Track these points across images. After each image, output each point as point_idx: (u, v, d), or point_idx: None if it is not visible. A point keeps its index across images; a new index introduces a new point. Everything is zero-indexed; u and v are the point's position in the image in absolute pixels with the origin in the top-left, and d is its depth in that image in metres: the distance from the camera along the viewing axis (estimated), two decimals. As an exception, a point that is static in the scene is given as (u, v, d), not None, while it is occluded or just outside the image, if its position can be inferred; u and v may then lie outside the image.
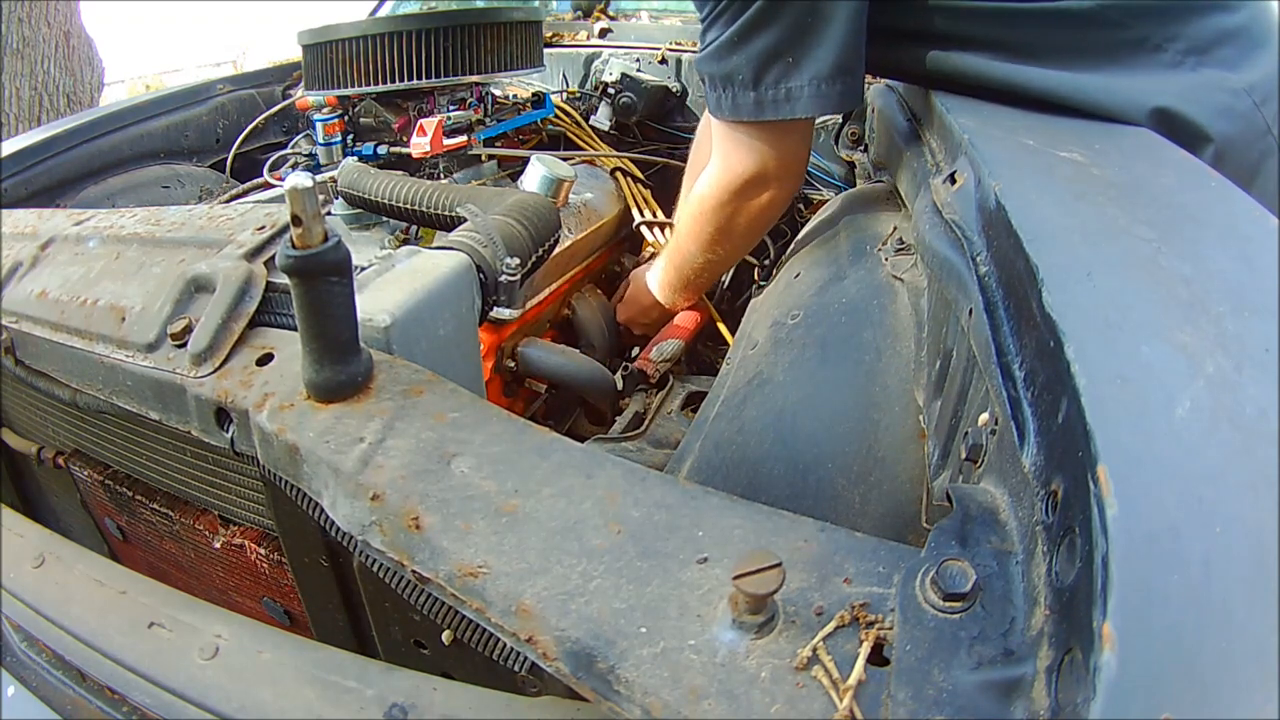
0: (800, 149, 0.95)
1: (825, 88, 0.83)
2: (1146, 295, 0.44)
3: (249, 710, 0.59)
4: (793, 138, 0.92)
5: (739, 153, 0.94)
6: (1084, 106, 0.80)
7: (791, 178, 0.97)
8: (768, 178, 0.95)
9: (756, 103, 0.85)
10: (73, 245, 0.82)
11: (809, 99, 0.84)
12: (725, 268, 1.15)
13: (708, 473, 0.74)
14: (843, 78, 0.84)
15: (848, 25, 0.82)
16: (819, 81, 0.83)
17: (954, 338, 0.61)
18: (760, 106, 0.86)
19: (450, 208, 0.93)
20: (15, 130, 3.62)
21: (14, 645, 0.84)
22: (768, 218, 1.02)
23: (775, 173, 0.94)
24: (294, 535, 0.74)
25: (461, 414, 0.55)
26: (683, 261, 1.12)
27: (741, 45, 0.83)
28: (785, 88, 0.84)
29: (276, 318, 0.69)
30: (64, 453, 0.97)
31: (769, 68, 0.83)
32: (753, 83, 0.84)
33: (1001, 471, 0.45)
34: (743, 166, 0.94)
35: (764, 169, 0.94)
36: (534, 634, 0.41)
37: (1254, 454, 0.34)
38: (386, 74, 1.18)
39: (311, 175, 0.50)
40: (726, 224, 1.02)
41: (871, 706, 0.35)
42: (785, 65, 0.83)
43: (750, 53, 0.83)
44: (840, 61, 0.83)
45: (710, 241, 1.05)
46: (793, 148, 0.93)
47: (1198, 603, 0.28)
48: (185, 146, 1.60)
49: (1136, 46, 0.80)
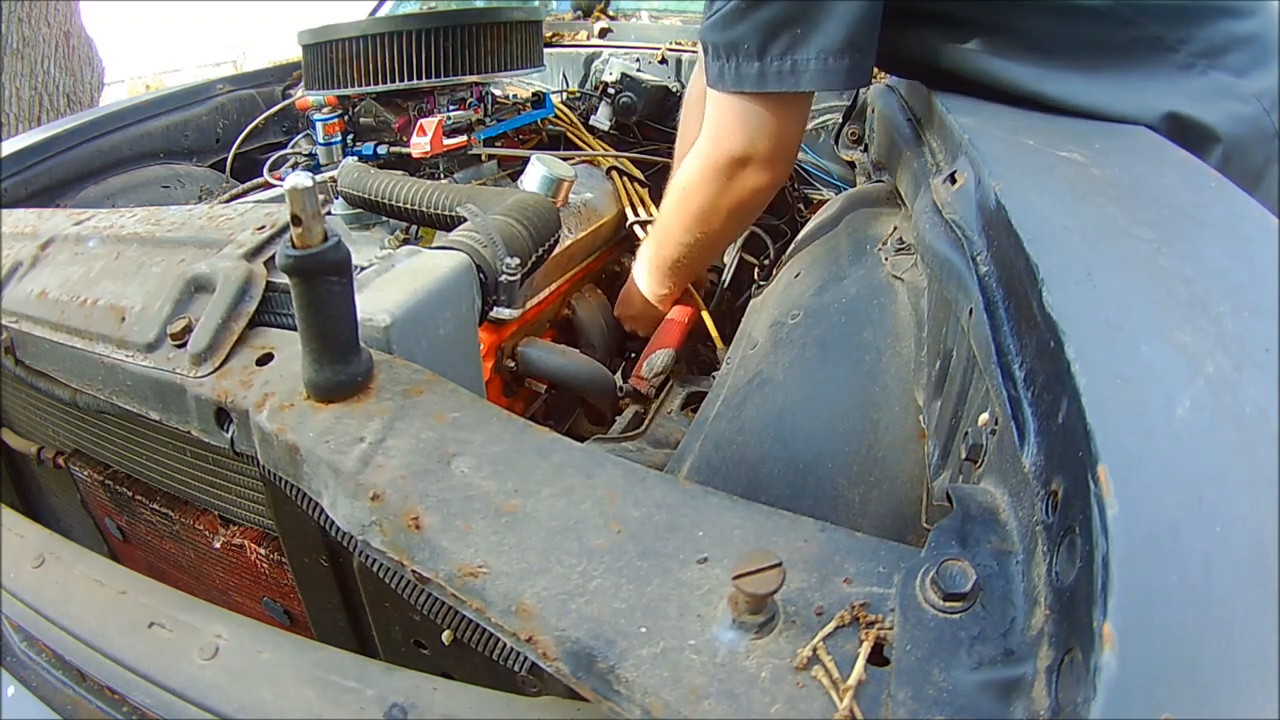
0: (794, 130, 0.93)
1: (833, 62, 0.81)
2: (1146, 295, 0.44)
3: (249, 710, 0.59)
4: (790, 115, 0.90)
5: (730, 127, 0.91)
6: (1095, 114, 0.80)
7: (780, 161, 0.94)
8: (757, 157, 0.92)
9: (760, 74, 0.83)
10: (73, 245, 0.82)
11: (815, 72, 0.82)
12: (708, 253, 1.11)
13: (708, 473, 0.74)
14: (851, 54, 0.81)
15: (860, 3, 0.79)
16: (827, 55, 0.81)
17: (954, 338, 0.61)
18: (764, 78, 0.83)
19: (450, 208, 0.93)
20: (15, 130, 3.62)
21: (14, 645, 0.84)
22: (753, 203, 0.99)
23: (765, 153, 0.92)
24: (294, 535, 0.74)
25: (461, 414, 0.55)
26: (664, 240, 1.10)
27: (749, 13, 0.81)
28: (791, 59, 0.82)
29: (276, 317, 0.69)
30: (64, 453, 0.97)
31: (776, 37, 0.81)
32: (758, 52, 0.82)
33: (1001, 471, 0.45)
34: (732, 142, 0.92)
35: (754, 147, 0.91)
36: (534, 634, 0.41)
37: (1254, 454, 0.34)
38: (386, 74, 1.18)
39: (311, 175, 0.50)
40: (710, 203, 0.98)
41: (871, 706, 0.35)
42: (793, 36, 0.80)
43: (757, 21, 0.81)
44: (850, 37, 0.80)
45: (693, 221, 1.02)
46: (788, 126, 0.91)
47: (1198, 603, 0.28)
48: (185, 146, 1.60)
49: (1149, 46, 0.80)
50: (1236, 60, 0.81)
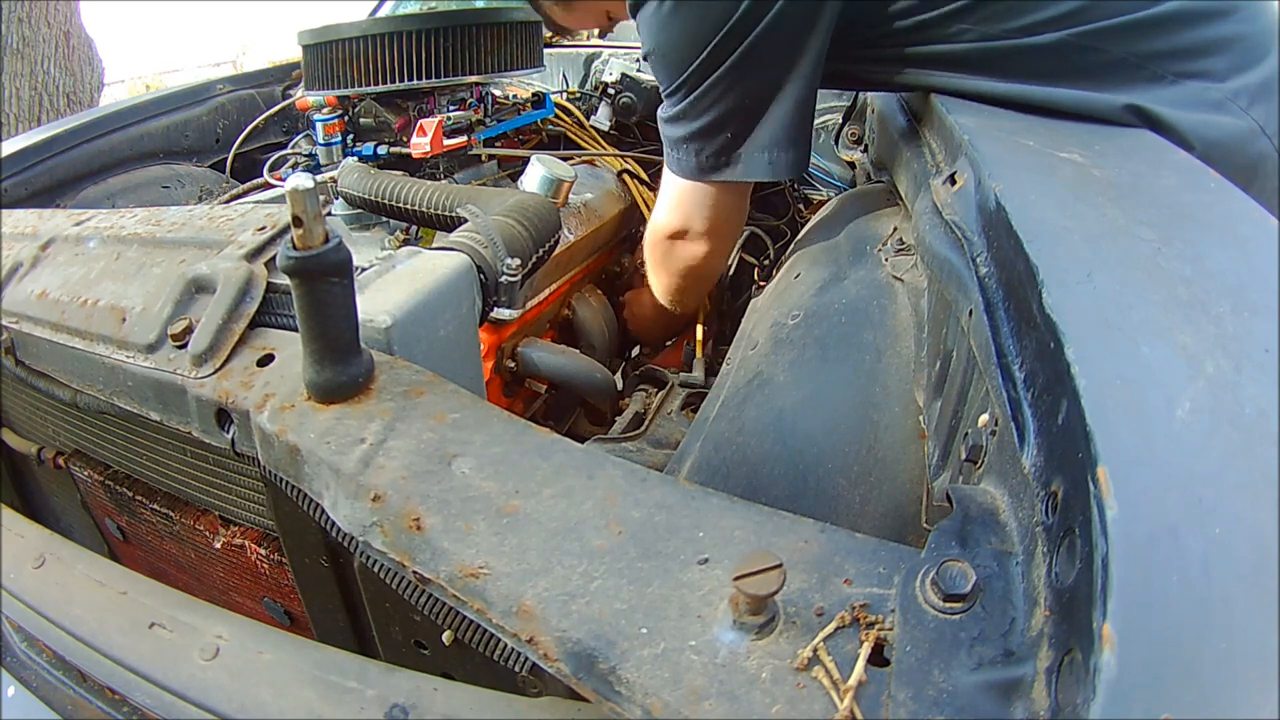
0: (731, 211, 1.01)
1: (764, 156, 0.90)
2: (1146, 296, 0.44)
3: (249, 710, 0.59)
4: (727, 199, 0.98)
5: (671, 203, 1.01)
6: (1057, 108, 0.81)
7: (715, 238, 1.02)
8: (692, 232, 1.01)
9: (699, 167, 0.93)
10: (73, 245, 0.82)
11: (743, 166, 0.91)
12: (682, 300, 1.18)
13: (708, 473, 0.74)
14: (785, 148, 0.89)
15: (787, 106, 0.87)
16: (754, 152, 0.90)
17: (954, 338, 0.61)
18: (702, 171, 0.93)
19: (450, 208, 0.93)
20: (15, 130, 3.62)
21: (14, 645, 0.84)
22: (697, 270, 1.07)
23: (700, 229, 1.00)
24: (294, 536, 0.74)
25: (462, 415, 0.55)
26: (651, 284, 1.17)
27: (687, 120, 0.90)
28: (725, 157, 0.91)
29: (277, 318, 0.68)
30: (64, 453, 0.97)
31: (711, 139, 0.90)
32: (696, 151, 0.92)
33: (1001, 472, 0.45)
34: (670, 217, 1.01)
35: (688, 224, 1.00)
36: (535, 635, 0.41)
37: (1254, 454, 0.34)
38: (386, 74, 1.18)
39: (312, 176, 0.50)
40: (659, 265, 1.10)
41: (872, 707, 0.35)
42: (725, 139, 0.90)
43: (695, 127, 0.90)
44: (781, 136, 0.88)
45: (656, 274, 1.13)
46: (725, 208, 0.99)
47: (1198, 603, 0.28)
48: (185, 146, 1.60)
49: (1113, 65, 0.80)
50: (1215, 64, 0.80)
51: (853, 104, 1.37)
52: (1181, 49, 0.80)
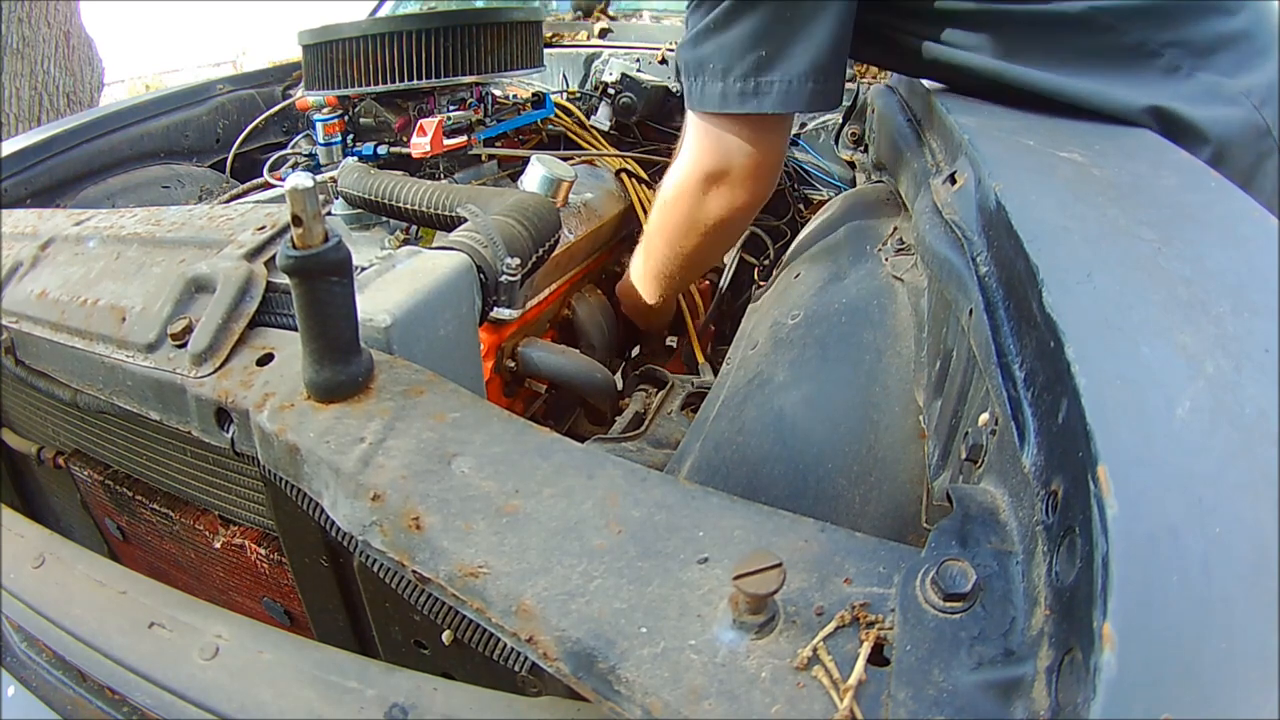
0: (770, 151, 0.91)
1: (796, 85, 0.80)
2: (1146, 295, 0.44)
3: (249, 710, 0.59)
4: (764, 136, 0.88)
5: (704, 145, 0.90)
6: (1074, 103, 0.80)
7: (758, 179, 0.92)
8: (731, 175, 0.90)
9: (723, 94, 0.82)
10: (73, 245, 0.82)
11: (778, 95, 0.81)
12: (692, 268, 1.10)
13: (708, 473, 0.74)
14: (817, 78, 0.81)
15: (830, 26, 0.79)
16: (790, 79, 0.80)
17: (954, 338, 0.61)
18: (726, 99, 0.83)
19: (450, 208, 0.93)
20: (15, 130, 3.62)
21: (14, 645, 0.84)
22: (731, 219, 0.96)
23: (740, 171, 0.90)
24: (294, 535, 0.74)
25: (462, 414, 0.55)
26: (650, 252, 1.09)
27: (717, 33, 0.80)
28: (755, 81, 0.81)
29: (277, 318, 0.69)
30: (64, 453, 0.97)
31: (742, 59, 0.80)
32: (722, 73, 0.81)
33: (1001, 471, 0.45)
34: (706, 160, 0.90)
35: (727, 165, 0.89)
36: (534, 634, 0.41)
37: (1254, 454, 0.34)
38: (386, 74, 1.18)
39: (312, 175, 0.50)
40: (687, 219, 0.97)
41: (872, 707, 0.35)
42: (758, 59, 0.80)
43: (724, 41, 0.80)
44: (816, 62, 0.80)
45: (673, 235, 1.01)
46: (763, 147, 0.89)
47: (1198, 603, 0.28)
48: (185, 146, 1.60)
49: (1131, 51, 0.79)
50: (1225, 59, 0.80)
51: (853, 104, 1.37)
52: (1195, 41, 0.80)
